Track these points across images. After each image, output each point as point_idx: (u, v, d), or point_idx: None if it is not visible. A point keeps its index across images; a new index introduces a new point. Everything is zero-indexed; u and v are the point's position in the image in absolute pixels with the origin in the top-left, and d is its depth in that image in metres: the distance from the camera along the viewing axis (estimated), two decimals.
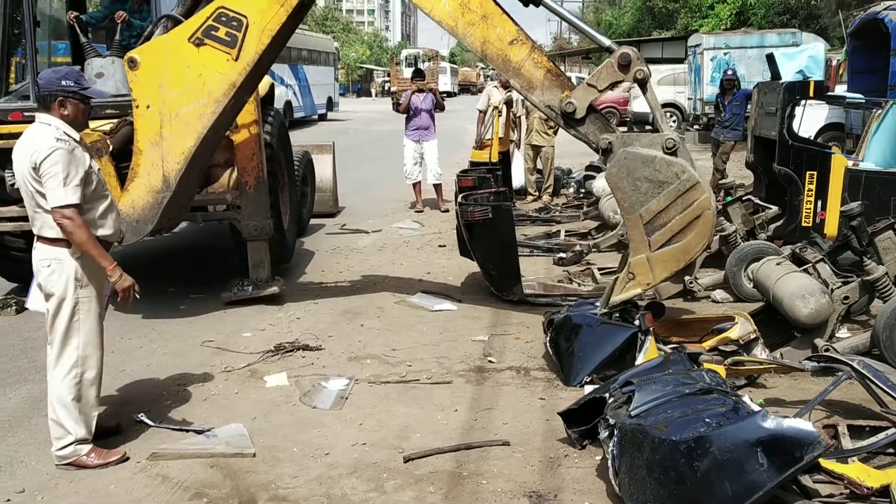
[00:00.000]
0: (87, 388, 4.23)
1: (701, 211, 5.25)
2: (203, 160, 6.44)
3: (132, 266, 7.95)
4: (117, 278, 4.16)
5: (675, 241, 5.28)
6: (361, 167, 16.68)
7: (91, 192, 4.18)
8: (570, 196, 12.62)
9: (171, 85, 5.83)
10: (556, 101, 5.59)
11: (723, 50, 21.95)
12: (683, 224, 5.25)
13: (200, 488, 3.98)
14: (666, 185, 5.26)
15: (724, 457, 3.26)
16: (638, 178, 5.31)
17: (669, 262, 5.33)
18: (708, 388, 3.80)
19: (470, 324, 6.53)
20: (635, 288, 5.35)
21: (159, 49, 5.87)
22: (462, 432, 4.56)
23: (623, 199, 5.38)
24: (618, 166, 5.37)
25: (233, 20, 5.75)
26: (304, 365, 5.65)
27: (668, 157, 5.29)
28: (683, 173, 5.25)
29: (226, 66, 5.82)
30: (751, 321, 5.33)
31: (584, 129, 5.58)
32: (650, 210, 5.28)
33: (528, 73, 5.63)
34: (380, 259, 8.99)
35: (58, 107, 4.14)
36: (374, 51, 78.50)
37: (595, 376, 5.07)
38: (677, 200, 5.24)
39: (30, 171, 4.03)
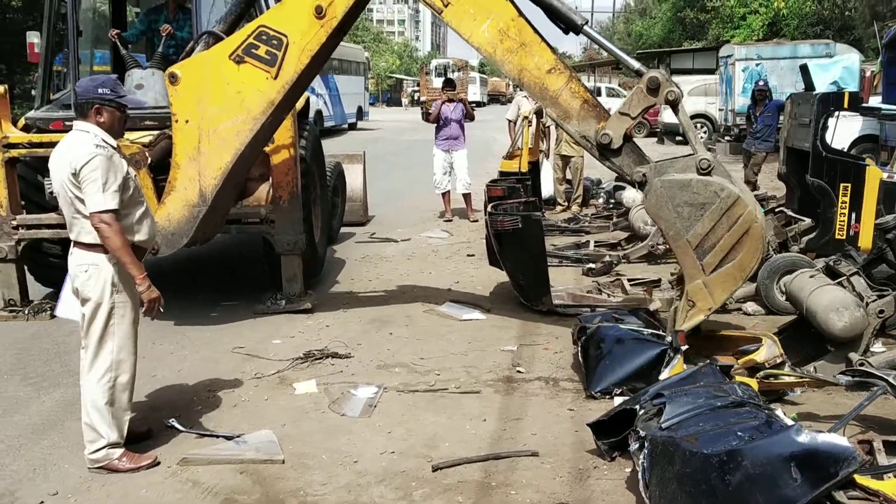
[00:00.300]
0: (121, 392, 4.28)
1: (748, 225, 5.21)
2: (240, 176, 6.49)
3: (165, 272, 8.08)
4: (145, 288, 4.20)
5: (729, 260, 5.24)
6: (391, 176, 16.75)
7: (128, 199, 4.24)
8: (600, 206, 12.56)
9: (210, 101, 5.88)
10: (592, 131, 5.56)
11: (754, 61, 21.80)
12: (733, 241, 5.22)
13: (230, 494, 4.00)
14: (708, 206, 5.23)
15: (756, 471, 3.22)
16: (678, 205, 5.28)
17: (727, 282, 5.30)
18: (740, 401, 3.75)
19: (498, 333, 6.52)
20: (698, 315, 5.30)
21: (200, 65, 5.93)
22: (491, 442, 4.55)
23: (667, 228, 5.36)
24: (656, 196, 5.35)
25: (273, 39, 5.78)
26: (334, 372, 5.67)
27: (705, 178, 5.26)
28: (723, 191, 5.22)
29: (265, 84, 5.85)
30: (777, 343, 5.25)
31: (619, 161, 5.55)
32: (697, 234, 5.25)
33: (565, 103, 5.62)
34: (408, 268, 9.01)
35: (94, 114, 4.21)
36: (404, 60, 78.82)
37: (624, 388, 5.04)
38: (722, 219, 5.21)
39: (69, 178, 4.09)
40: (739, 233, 5.21)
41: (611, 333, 5.39)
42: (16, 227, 6.96)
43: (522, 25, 5.59)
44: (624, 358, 5.18)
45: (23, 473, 4.26)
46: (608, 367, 5.18)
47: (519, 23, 5.59)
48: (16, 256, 7.03)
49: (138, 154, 6.10)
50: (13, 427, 4.85)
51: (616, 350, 5.24)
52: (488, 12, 5.58)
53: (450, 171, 12.16)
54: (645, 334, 5.42)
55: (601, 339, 5.38)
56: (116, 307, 4.22)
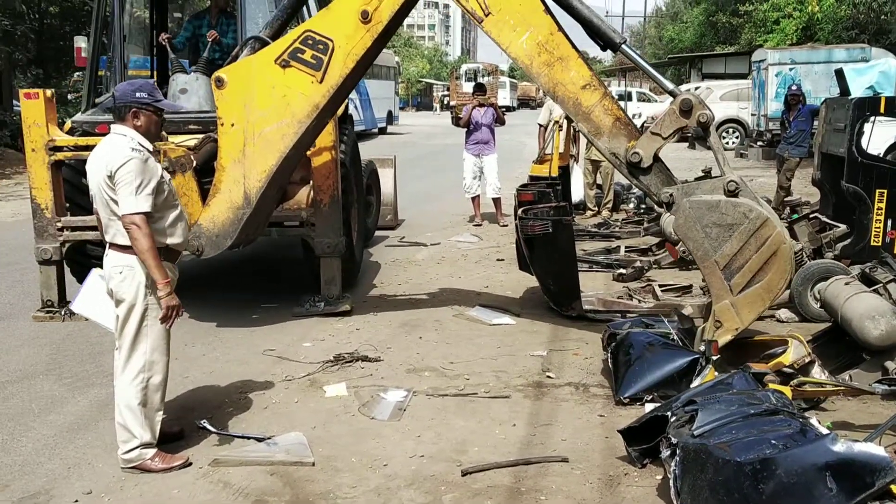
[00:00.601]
0: (153, 392, 4.32)
1: (776, 246, 5.21)
2: (283, 178, 6.55)
3: (206, 273, 8.16)
4: (165, 294, 4.21)
5: (757, 281, 5.25)
6: (421, 181, 16.79)
7: (162, 202, 4.28)
8: (630, 211, 12.49)
9: (255, 104, 5.94)
10: (622, 149, 5.58)
11: (788, 65, 21.56)
12: (761, 262, 5.22)
13: (261, 495, 4.02)
14: (736, 227, 5.24)
15: (790, 480, 3.18)
16: (706, 225, 5.29)
17: (755, 303, 5.29)
18: (774, 409, 3.71)
19: (528, 338, 6.51)
20: (725, 335, 5.29)
21: (246, 69, 5.99)
22: (520, 447, 4.54)
23: (696, 249, 5.37)
24: (684, 217, 5.36)
25: (319, 43, 5.82)
26: (363, 376, 5.69)
27: (733, 199, 5.28)
28: (751, 212, 5.23)
29: (310, 88, 5.89)
30: (805, 344, 5.19)
31: (647, 180, 5.58)
32: (725, 254, 5.25)
33: (597, 119, 5.63)
34: (438, 272, 9.02)
35: (132, 118, 4.26)
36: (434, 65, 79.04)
37: (654, 394, 5.01)
38: (750, 240, 5.22)
39: (105, 180, 4.15)
40: (768, 254, 5.21)
41: (641, 339, 5.36)
42: (60, 229, 7.07)
43: (560, 40, 5.61)
44: (654, 364, 5.15)
45: (58, 472, 4.32)
46: (638, 374, 5.15)
47: (557, 37, 5.61)
48: (60, 258, 7.14)
49: (183, 157, 6.17)
50: (48, 426, 4.92)
51: (646, 356, 5.21)
52: (528, 25, 5.60)
53: (480, 175, 12.15)
54: (675, 341, 5.39)
55: (631, 345, 5.35)
56: (150, 309, 4.26)
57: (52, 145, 6.92)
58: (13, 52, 20.98)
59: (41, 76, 22.47)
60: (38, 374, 5.85)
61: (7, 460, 4.46)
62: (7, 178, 18.17)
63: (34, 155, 6.94)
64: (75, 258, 7.39)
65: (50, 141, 6.91)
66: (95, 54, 7.84)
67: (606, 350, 5.58)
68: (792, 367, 5.00)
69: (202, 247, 6.14)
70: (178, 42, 8.15)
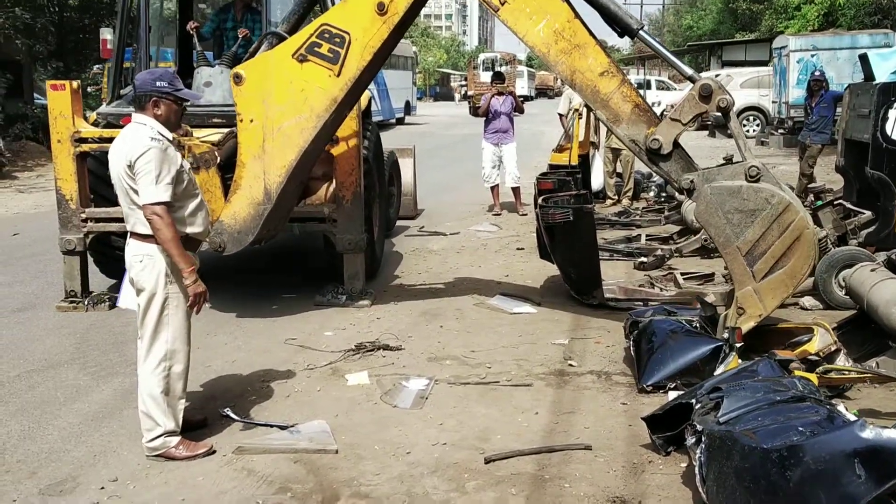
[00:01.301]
0: (175, 381, 4.34)
1: (799, 232, 5.16)
2: (303, 173, 6.55)
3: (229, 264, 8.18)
4: (191, 282, 4.22)
5: (780, 267, 5.20)
6: (439, 170, 16.76)
7: (182, 191, 4.29)
8: (651, 200, 12.42)
9: (274, 100, 5.94)
10: (642, 136, 5.55)
11: (810, 51, 21.33)
12: (784, 248, 5.17)
13: (285, 483, 4.04)
14: (758, 213, 5.19)
15: (818, 467, 3.14)
16: (728, 211, 5.25)
17: (778, 289, 5.25)
18: (801, 395, 3.67)
19: (549, 327, 6.49)
20: (748, 322, 5.25)
21: (264, 65, 5.99)
22: (543, 435, 4.53)
23: (717, 235, 5.33)
24: (705, 203, 5.33)
25: (336, 37, 5.81)
26: (385, 364, 5.69)
27: (755, 185, 5.24)
28: (773, 197, 5.18)
29: (328, 81, 5.88)
30: (830, 332, 5.14)
31: (666, 167, 5.55)
32: (747, 240, 5.21)
33: (616, 106, 5.60)
34: (458, 261, 9.01)
35: (152, 107, 4.26)
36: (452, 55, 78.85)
37: (677, 382, 4.98)
38: (773, 226, 5.17)
39: (125, 169, 4.16)
40: (790, 239, 5.17)
41: (664, 327, 5.33)
42: (84, 220, 7.12)
43: (578, 27, 5.57)
44: (677, 352, 5.12)
45: (84, 460, 4.35)
46: (660, 361, 5.12)
47: (574, 24, 5.57)
48: (84, 249, 7.19)
49: (208, 153, 6.18)
50: (74, 414, 4.96)
51: (669, 344, 5.18)
52: (545, 12, 5.57)
53: (499, 164, 12.12)
54: (698, 328, 5.36)
55: (654, 332, 5.32)
56: (170, 297, 4.28)
57: (77, 136, 6.95)
58: (33, 45, 21.09)
59: (61, 69, 22.59)
60: (62, 363, 5.90)
61: (34, 448, 4.50)
62: (29, 170, 18.32)
63: (60, 146, 6.98)
64: (99, 249, 7.45)
65: (75, 132, 6.94)
66: (121, 46, 7.87)
67: (629, 338, 5.55)
68: (818, 355, 4.96)
69: (224, 243, 6.15)
70: (206, 32, 8.18)
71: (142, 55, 7.66)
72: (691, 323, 5.41)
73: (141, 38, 7.66)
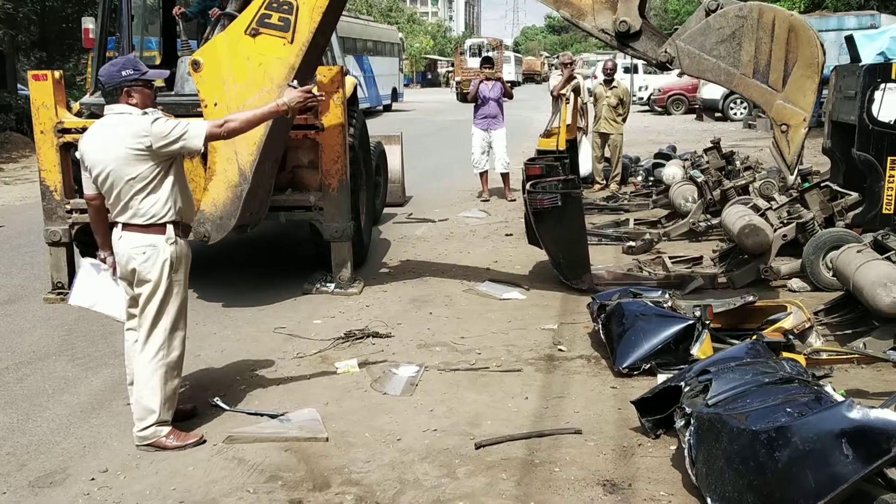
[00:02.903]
0: (172, 369, 4.34)
1: (787, 22, 4.99)
2: (277, 149, 6.52)
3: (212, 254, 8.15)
4: (294, 103, 4.69)
5: (792, 64, 5.00)
6: (427, 157, 16.72)
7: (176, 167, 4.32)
8: (639, 184, 12.43)
9: (234, 79, 5.94)
10: (609, 23, 5.43)
11: None
12: (783, 46, 4.99)
13: (275, 471, 4.04)
14: (738, 32, 5.04)
15: (806, 447, 3.16)
16: (711, 49, 5.11)
17: (804, 85, 5.04)
18: (789, 377, 3.70)
19: (539, 312, 6.50)
20: (797, 132, 5.06)
21: (219, 47, 6.00)
22: (533, 420, 4.54)
23: (716, 76, 5.19)
24: (688, 56, 5.21)
25: (283, 4, 5.87)
26: (375, 352, 5.69)
27: (718, 12, 5.09)
28: (742, 10, 5.04)
29: (283, 50, 5.93)
30: (804, 309, 5.16)
31: (641, 47, 5.43)
32: (743, 62, 5.05)
33: (577, 1, 5.50)
34: (447, 248, 9.00)
35: (125, 97, 4.23)
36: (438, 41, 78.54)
37: (652, 363, 5.00)
38: (759, 34, 5.01)
39: (136, 153, 4.11)
40: (784, 34, 4.99)
41: (633, 309, 5.33)
42: (69, 211, 7.07)
43: None
44: (649, 333, 5.11)
45: (73, 451, 4.34)
46: (634, 343, 5.12)
47: None
48: (69, 240, 7.14)
49: None
50: (63, 406, 4.94)
51: (640, 325, 5.18)
52: None
53: (488, 150, 12.10)
54: (667, 308, 5.36)
55: (623, 314, 5.32)
56: (173, 285, 4.28)
57: (60, 127, 6.89)
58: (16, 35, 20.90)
59: (44, 59, 22.41)
60: (50, 355, 5.87)
61: (23, 440, 4.48)
62: (14, 161, 18.17)
63: (43, 137, 6.93)
64: (85, 240, 7.38)
65: (58, 123, 6.88)
66: (103, 36, 7.80)
67: (596, 321, 5.56)
68: (792, 332, 4.98)
69: (208, 232, 6.12)
70: (191, 13, 8.10)
71: (124, 45, 7.60)
72: (658, 304, 5.42)
73: (123, 28, 7.59)
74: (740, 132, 21.80)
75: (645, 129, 22.40)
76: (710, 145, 10.40)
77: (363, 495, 3.79)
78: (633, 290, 5.77)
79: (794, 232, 7.14)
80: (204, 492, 3.87)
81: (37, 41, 22.80)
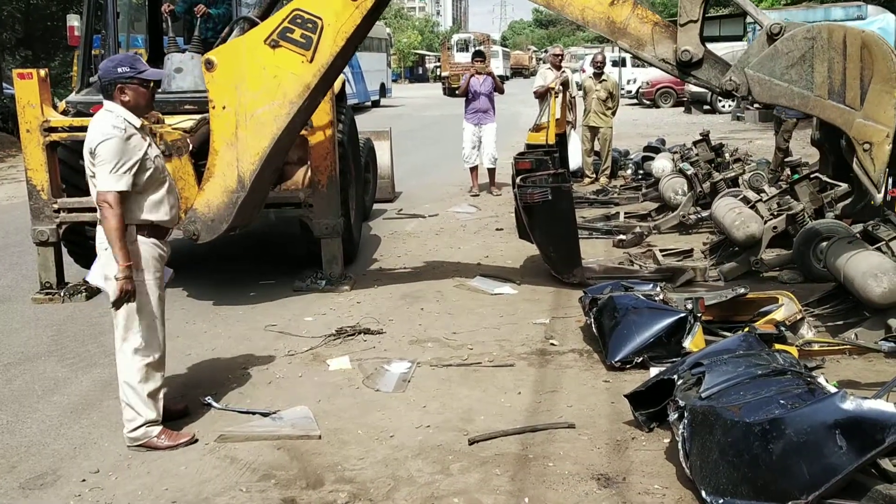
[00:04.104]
0: (153, 370, 4.30)
1: (859, 39, 4.90)
2: (278, 160, 6.47)
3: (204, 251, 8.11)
4: (122, 276, 4.07)
5: (867, 81, 4.92)
6: (416, 152, 16.69)
7: (147, 179, 4.23)
8: (629, 178, 12.44)
9: (246, 86, 5.85)
10: (670, 52, 5.35)
11: None
12: (858, 63, 4.91)
13: (268, 469, 4.02)
14: (808, 54, 4.96)
15: (800, 439, 3.17)
16: (783, 75, 5.02)
17: (883, 101, 4.93)
18: (781, 369, 3.70)
19: (530, 307, 6.49)
20: (881, 149, 4.95)
21: (236, 50, 5.90)
22: (526, 415, 4.53)
23: (790, 101, 5.09)
24: (759, 86, 5.10)
25: (308, 22, 5.73)
26: (366, 349, 5.67)
27: (785, 36, 5.00)
28: (809, 31, 4.96)
29: (300, 67, 5.81)
30: (795, 301, 5.16)
31: (704, 75, 5.33)
32: (817, 83, 4.97)
33: (635, 31, 5.41)
34: (437, 243, 8.98)
35: (118, 94, 4.22)
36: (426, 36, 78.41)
37: (644, 356, 4.99)
38: (830, 53, 4.93)
39: (88, 157, 4.16)
40: (856, 51, 4.90)
41: (625, 302, 5.33)
42: (57, 210, 7.01)
43: None
44: (641, 326, 5.11)
45: (64, 452, 4.30)
46: (626, 337, 5.12)
47: None
48: (57, 239, 7.09)
49: (180, 140, 6.10)
50: (53, 407, 4.90)
51: (632, 318, 5.18)
52: None
53: (479, 145, 12.08)
54: (659, 302, 5.36)
55: (615, 308, 5.31)
56: (139, 285, 4.21)
57: (46, 126, 6.84)
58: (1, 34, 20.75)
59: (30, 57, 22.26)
60: (40, 355, 5.82)
61: (13, 442, 4.44)
62: (1, 161, 18.05)
63: (29, 136, 6.87)
64: (73, 239, 7.34)
65: (45, 122, 6.83)
66: (89, 33, 7.73)
67: (588, 315, 5.55)
68: (784, 324, 4.99)
69: (198, 231, 6.08)
70: (180, 10, 8.05)
71: (110, 42, 7.54)
72: (650, 297, 5.42)
73: (109, 25, 7.53)
74: (729, 124, 21.86)
75: (634, 123, 22.43)
76: (699, 138, 10.41)
77: (357, 493, 3.77)
78: (624, 283, 5.77)
79: (785, 223, 7.16)
80: (196, 491, 3.85)
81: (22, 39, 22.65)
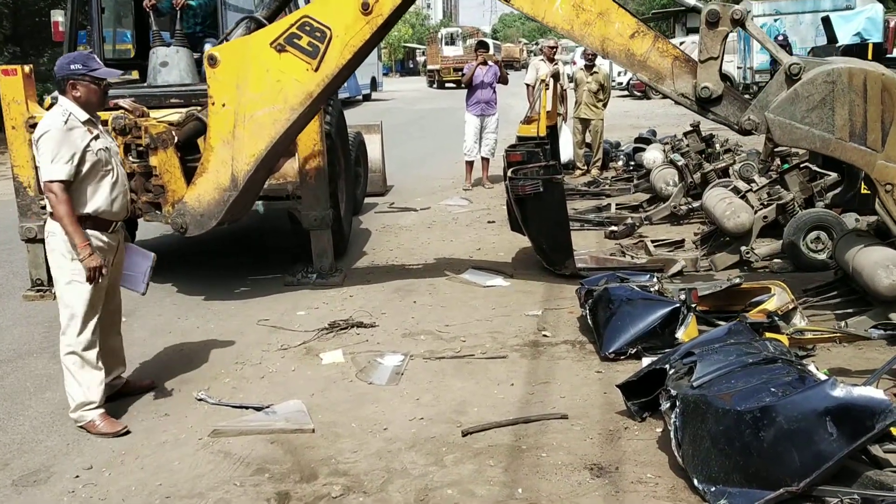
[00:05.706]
0: (87, 353, 4.44)
1: (879, 82, 4.93)
2: (272, 162, 6.45)
3: (193, 247, 8.10)
4: (86, 255, 4.29)
5: (888, 123, 4.94)
6: (407, 146, 16.67)
7: (88, 170, 4.36)
8: (620, 169, 12.45)
9: (248, 87, 5.83)
10: (690, 87, 5.32)
11: (773, 16, 21.44)
12: (878, 105, 4.93)
13: (262, 464, 4.02)
14: (829, 97, 4.96)
15: (791, 426, 3.19)
16: (804, 119, 5.01)
17: None
18: (772, 357, 3.72)
19: (523, 299, 6.50)
20: None
21: (240, 49, 5.87)
22: (519, 406, 4.54)
23: (812, 143, 5.08)
24: (780, 129, 5.09)
25: (316, 31, 5.69)
26: (359, 342, 5.67)
27: (804, 79, 5.00)
28: (829, 75, 4.95)
29: (304, 75, 5.78)
30: (788, 290, 5.18)
31: (722, 111, 5.30)
32: (838, 126, 4.97)
33: (655, 64, 5.38)
34: (429, 236, 8.98)
35: (70, 89, 4.37)
36: (417, 30, 78.24)
37: (638, 347, 5.01)
38: (850, 96, 4.95)
39: (34, 149, 4.35)
40: (876, 95, 4.92)
41: (619, 294, 5.35)
42: (43, 207, 6.96)
43: None
44: (635, 318, 5.13)
45: (57, 449, 4.30)
46: (619, 328, 5.14)
47: None
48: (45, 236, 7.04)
49: (165, 133, 6.08)
50: (45, 404, 4.89)
51: (626, 310, 5.20)
52: None
53: (480, 139, 12.04)
54: (653, 293, 5.37)
55: (610, 299, 5.33)
56: (74, 272, 4.37)
57: (32, 122, 6.79)
58: None
59: (18, 54, 22.10)
60: (31, 352, 5.81)
61: (5, 439, 4.44)
62: None
63: (14, 133, 6.83)
64: None
65: (30, 118, 6.79)
66: (73, 29, 7.68)
67: (584, 307, 5.57)
68: (776, 313, 5.00)
69: (186, 225, 6.07)
70: (163, 7, 8.01)
71: (95, 38, 7.49)
72: (645, 288, 5.43)
73: (94, 20, 7.47)
74: None
75: (625, 114, 22.44)
76: (689, 129, 10.42)
77: (351, 485, 3.78)
78: (620, 274, 5.78)
79: (775, 213, 7.18)
80: (190, 486, 3.85)
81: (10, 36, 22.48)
